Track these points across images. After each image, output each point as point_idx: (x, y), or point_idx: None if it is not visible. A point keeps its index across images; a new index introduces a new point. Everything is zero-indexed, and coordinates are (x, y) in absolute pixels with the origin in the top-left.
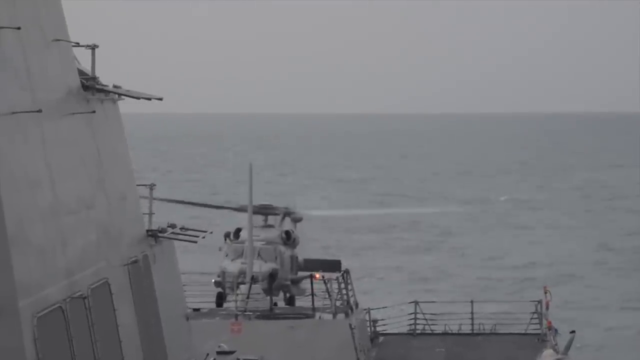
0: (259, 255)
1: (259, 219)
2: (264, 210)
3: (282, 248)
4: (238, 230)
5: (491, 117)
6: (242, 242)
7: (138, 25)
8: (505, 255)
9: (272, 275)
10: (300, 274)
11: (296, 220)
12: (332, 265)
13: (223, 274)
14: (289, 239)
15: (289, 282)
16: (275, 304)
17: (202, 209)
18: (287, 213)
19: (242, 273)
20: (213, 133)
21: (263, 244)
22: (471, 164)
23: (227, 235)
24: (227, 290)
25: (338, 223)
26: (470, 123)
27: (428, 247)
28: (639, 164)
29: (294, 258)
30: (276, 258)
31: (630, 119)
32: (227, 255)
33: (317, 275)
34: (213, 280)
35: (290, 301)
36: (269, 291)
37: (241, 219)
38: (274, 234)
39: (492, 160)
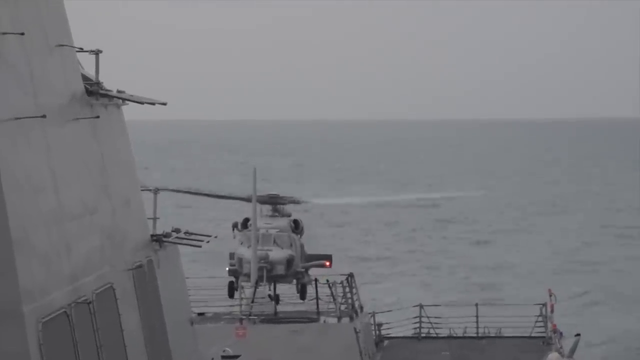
0: (274, 242)
1: (267, 209)
2: (272, 200)
3: (294, 235)
4: (246, 221)
5: (497, 124)
6: (257, 230)
7: (143, 30)
8: (513, 257)
9: (289, 262)
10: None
11: (285, 216)
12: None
13: (240, 260)
14: (297, 227)
15: (303, 270)
16: (278, 297)
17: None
18: (278, 210)
19: (261, 259)
20: (221, 140)
21: (277, 231)
22: (476, 168)
23: (234, 226)
24: (242, 278)
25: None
26: (478, 129)
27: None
28: None
29: (302, 246)
30: (291, 245)
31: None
32: (242, 243)
33: (327, 263)
34: (227, 269)
35: (302, 289)
36: (285, 278)
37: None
38: (284, 222)
39: (497, 164)
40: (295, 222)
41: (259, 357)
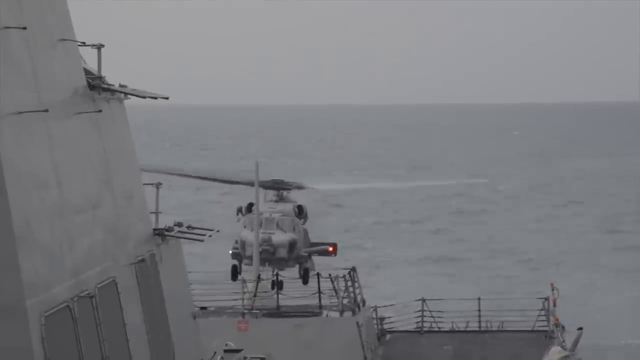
0: (277, 225)
1: (271, 194)
2: (277, 185)
3: (297, 220)
4: (250, 205)
5: (497, 108)
6: (261, 213)
7: (145, 24)
8: (514, 244)
9: (291, 245)
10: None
11: (289, 201)
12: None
13: (243, 243)
14: (300, 213)
15: (306, 254)
16: (281, 282)
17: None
18: (282, 196)
19: (264, 241)
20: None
21: (281, 216)
22: (476, 153)
23: (239, 210)
24: (245, 261)
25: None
26: (477, 114)
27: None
28: None
29: (306, 232)
30: (294, 229)
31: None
32: (245, 227)
33: (331, 248)
34: (230, 252)
35: (305, 274)
36: (288, 262)
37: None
38: (288, 207)
39: (498, 151)
40: (300, 207)
41: (261, 350)
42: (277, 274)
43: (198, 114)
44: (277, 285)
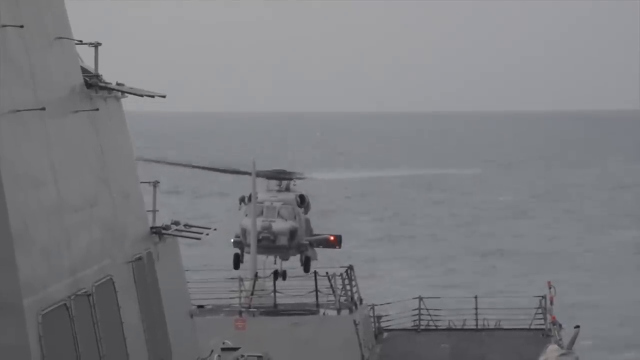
0: (278, 214)
1: (273, 183)
2: (278, 175)
3: (299, 209)
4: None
5: (496, 115)
6: (262, 202)
7: (142, 23)
8: (513, 245)
9: (292, 233)
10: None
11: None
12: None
13: (244, 231)
14: (302, 202)
15: (307, 242)
16: (284, 272)
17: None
18: (285, 185)
19: (264, 229)
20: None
21: (282, 204)
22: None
23: (242, 200)
24: (247, 249)
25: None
26: (478, 121)
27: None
28: None
29: (308, 221)
30: (295, 217)
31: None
32: (247, 215)
33: (332, 238)
34: (232, 240)
35: (306, 262)
36: (289, 250)
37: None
38: (290, 196)
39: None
40: (301, 197)
41: (259, 349)
42: (275, 271)
43: (197, 120)
44: (280, 275)
